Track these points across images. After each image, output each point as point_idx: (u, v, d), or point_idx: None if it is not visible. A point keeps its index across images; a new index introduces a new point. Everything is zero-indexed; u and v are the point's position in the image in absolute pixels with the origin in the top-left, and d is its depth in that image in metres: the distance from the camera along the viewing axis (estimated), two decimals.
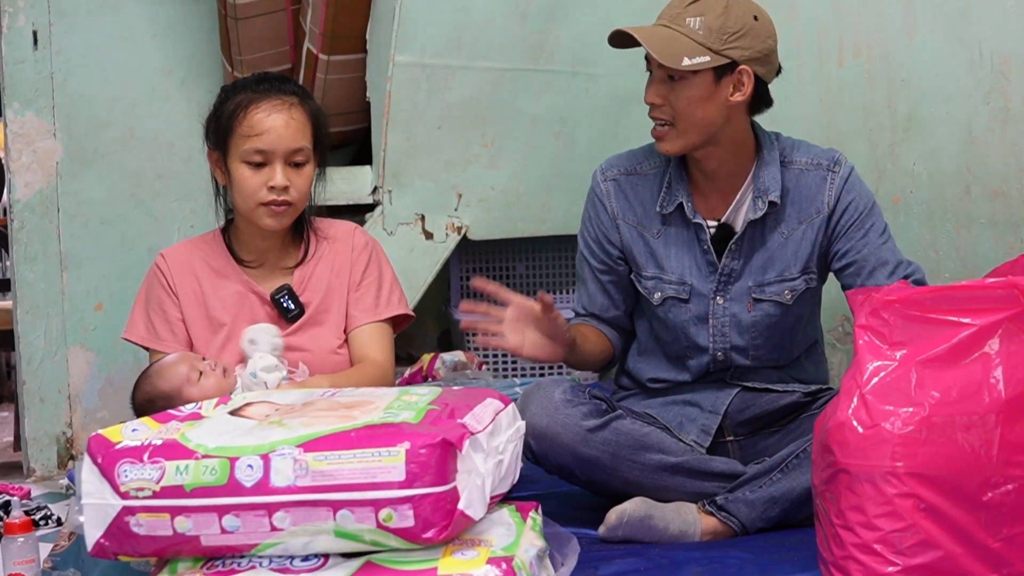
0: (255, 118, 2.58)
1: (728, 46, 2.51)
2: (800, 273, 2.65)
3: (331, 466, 1.90)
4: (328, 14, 3.40)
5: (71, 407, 3.59)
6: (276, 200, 2.58)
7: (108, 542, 1.97)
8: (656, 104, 2.56)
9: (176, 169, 3.66)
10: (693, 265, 2.67)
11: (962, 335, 1.98)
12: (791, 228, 2.64)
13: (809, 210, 2.64)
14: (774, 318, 2.66)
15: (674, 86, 2.54)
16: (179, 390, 2.51)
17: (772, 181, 2.62)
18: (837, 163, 2.65)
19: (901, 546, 1.96)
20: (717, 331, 2.67)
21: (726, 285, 2.66)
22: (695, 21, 2.51)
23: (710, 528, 2.52)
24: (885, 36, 3.34)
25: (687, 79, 2.52)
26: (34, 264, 3.53)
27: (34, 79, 3.49)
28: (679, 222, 2.67)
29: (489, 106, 3.52)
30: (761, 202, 2.61)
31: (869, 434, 1.97)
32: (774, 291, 2.65)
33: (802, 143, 2.70)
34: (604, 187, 2.73)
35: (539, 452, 2.54)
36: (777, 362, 2.71)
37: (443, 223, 3.58)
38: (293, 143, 2.59)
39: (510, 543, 1.99)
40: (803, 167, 2.65)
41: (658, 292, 2.68)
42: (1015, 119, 3.06)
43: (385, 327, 2.74)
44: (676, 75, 2.53)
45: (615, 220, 2.71)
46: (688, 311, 2.68)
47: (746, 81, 2.55)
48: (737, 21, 2.52)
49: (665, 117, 2.56)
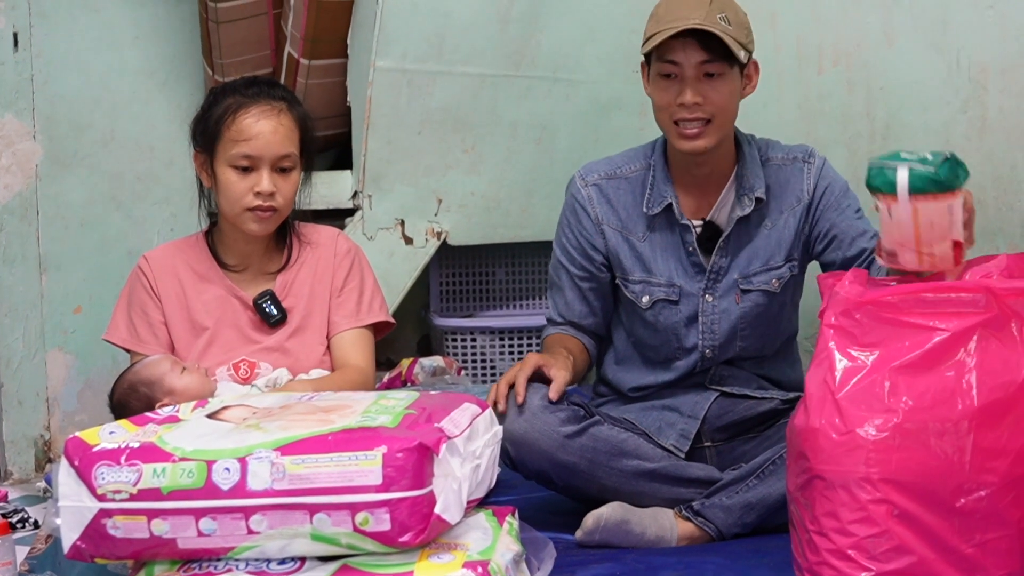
0: (244, 123, 2.58)
1: (749, 40, 2.60)
2: (784, 260, 2.69)
3: (308, 469, 1.91)
4: (309, 19, 3.40)
5: (49, 410, 3.58)
6: (262, 206, 2.58)
7: (85, 544, 1.98)
8: (697, 104, 2.56)
9: (157, 172, 3.64)
10: (680, 266, 2.69)
11: (936, 340, 1.99)
12: (774, 220, 2.68)
13: (790, 200, 2.68)
14: (761, 307, 2.69)
15: (714, 83, 2.56)
16: (161, 378, 2.52)
17: (756, 179, 2.66)
18: (811, 155, 2.72)
19: (875, 552, 1.97)
20: (706, 328, 2.69)
21: (714, 283, 2.68)
22: (723, 19, 2.54)
23: (687, 533, 2.53)
24: (864, 44, 3.36)
25: (725, 75, 2.57)
26: (13, 266, 3.51)
27: (14, 81, 3.48)
28: (664, 224, 2.69)
29: (470, 112, 3.52)
30: (748, 199, 2.65)
31: (843, 440, 1.98)
32: (762, 280, 2.68)
33: (774, 142, 2.75)
34: (586, 192, 2.73)
35: (516, 458, 2.54)
36: (761, 352, 2.73)
37: (423, 228, 3.58)
38: (281, 149, 2.60)
39: (486, 547, 2.00)
40: (780, 162, 2.71)
41: (647, 296, 2.69)
42: (992, 128, 3.08)
43: (366, 333, 2.75)
44: (717, 71, 2.56)
45: (599, 225, 2.72)
46: (679, 312, 2.69)
47: (753, 74, 2.65)
48: (744, 16, 2.61)
49: (704, 115, 2.57)
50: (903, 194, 2.10)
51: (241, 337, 2.67)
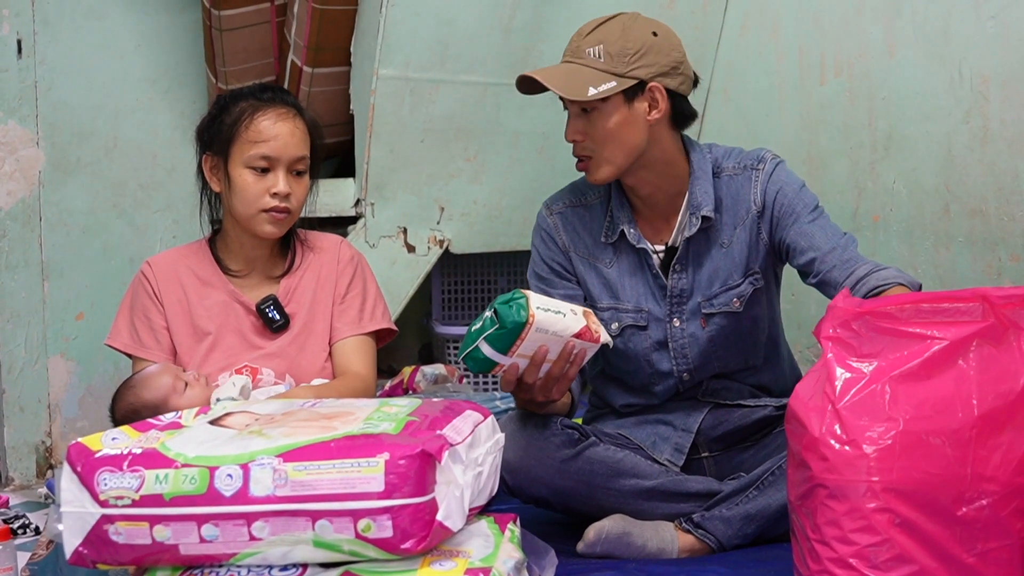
0: (262, 124, 2.61)
1: (632, 67, 2.53)
2: (743, 277, 2.65)
3: (310, 476, 1.91)
4: (313, 27, 3.41)
5: (51, 416, 3.58)
6: (278, 207, 2.60)
7: (87, 550, 1.98)
8: (577, 141, 2.57)
9: (159, 179, 3.66)
10: (647, 291, 2.67)
11: (934, 349, 1.99)
12: (728, 236, 2.64)
13: (740, 212, 2.64)
14: (728, 328, 2.67)
15: (590, 118, 2.55)
16: (165, 400, 2.52)
17: (704, 196, 2.62)
18: (761, 160, 2.65)
19: (876, 560, 1.97)
20: (678, 353, 2.68)
21: (679, 306, 2.66)
22: (595, 50, 2.53)
23: (687, 545, 2.53)
24: (866, 55, 3.36)
25: (599, 108, 2.54)
26: (15, 273, 3.52)
27: (18, 87, 3.49)
28: (627, 249, 2.68)
29: (472, 120, 3.53)
30: (695, 218, 2.62)
31: (845, 450, 1.98)
32: (722, 302, 2.66)
33: (734, 150, 2.70)
34: (551, 221, 2.73)
35: (514, 486, 2.54)
36: (746, 364, 2.72)
37: (425, 236, 3.59)
38: (298, 151, 2.62)
39: (488, 554, 2.00)
40: (732, 172, 2.66)
41: (615, 322, 2.67)
42: (994, 139, 3.07)
43: (368, 340, 2.75)
44: (589, 107, 2.54)
45: (567, 253, 2.72)
46: (648, 338, 2.68)
47: (659, 98, 2.56)
48: (636, 41, 2.53)
49: (586, 152, 2.57)
50: (500, 358, 2.31)
51: (243, 342, 2.68)
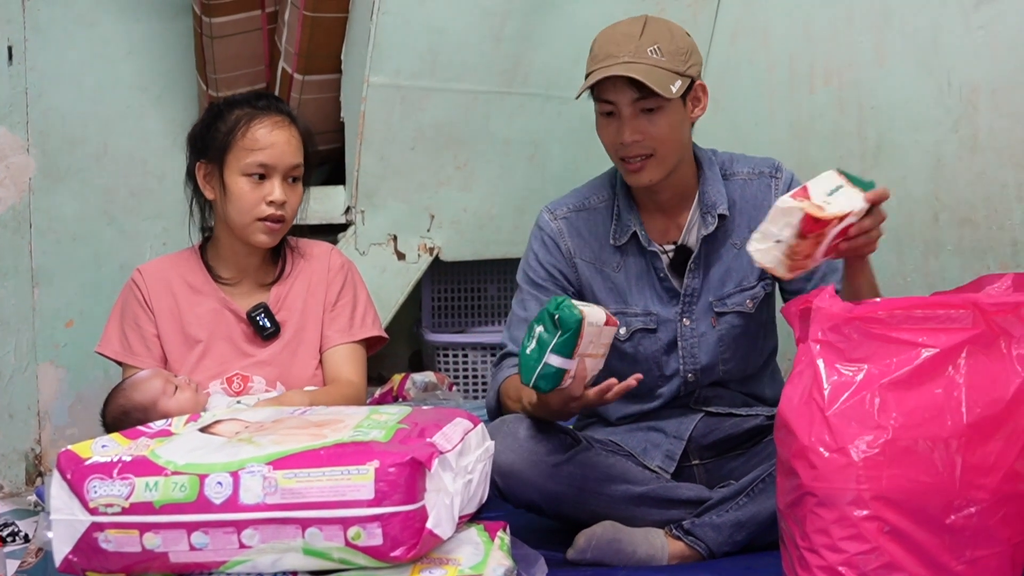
0: (258, 132, 2.60)
1: (688, 65, 2.56)
2: (758, 280, 2.67)
3: (300, 484, 1.91)
4: (304, 34, 3.41)
5: (40, 424, 3.58)
6: (273, 215, 2.60)
7: (76, 558, 1.98)
8: (636, 141, 2.56)
9: (149, 187, 3.65)
10: (654, 294, 2.68)
11: (924, 357, 2.00)
12: (743, 238, 2.62)
13: (758, 217, 2.63)
14: (738, 329, 2.68)
15: (652, 118, 2.54)
16: (155, 402, 2.51)
17: (718, 195, 2.65)
18: (779, 169, 2.69)
19: (866, 568, 1.98)
20: (686, 353, 2.68)
21: (690, 306, 2.67)
22: (654, 51, 2.53)
23: (677, 552, 2.53)
24: (856, 64, 3.38)
25: (664, 108, 2.54)
26: (5, 280, 3.52)
27: (8, 94, 3.49)
28: (635, 252, 2.68)
29: (463, 128, 3.53)
30: (711, 217, 2.64)
31: (834, 457, 1.99)
32: (736, 302, 2.67)
33: (739, 155, 2.73)
34: (556, 226, 2.72)
35: (505, 489, 2.52)
36: (744, 372, 2.72)
37: (415, 244, 3.59)
38: (294, 159, 2.62)
39: (478, 562, 2.00)
40: (746, 177, 2.69)
41: (624, 327, 2.66)
42: (982, 148, 3.09)
43: (359, 348, 2.75)
44: (654, 106, 2.54)
45: (571, 259, 2.71)
46: (658, 340, 2.68)
47: (702, 96, 2.61)
48: (683, 40, 2.57)
49: (644, 151, 2.56)
50: (568, 363, 2.26)
51: (234, 350, 2.68)
